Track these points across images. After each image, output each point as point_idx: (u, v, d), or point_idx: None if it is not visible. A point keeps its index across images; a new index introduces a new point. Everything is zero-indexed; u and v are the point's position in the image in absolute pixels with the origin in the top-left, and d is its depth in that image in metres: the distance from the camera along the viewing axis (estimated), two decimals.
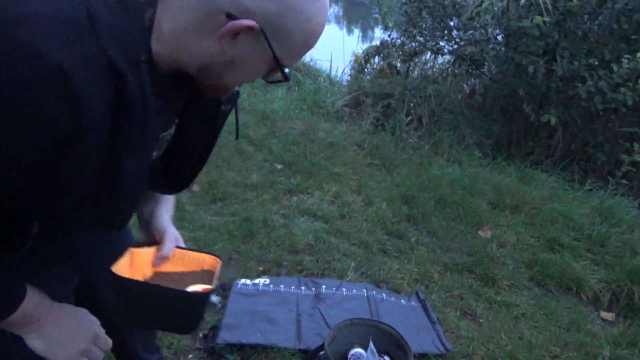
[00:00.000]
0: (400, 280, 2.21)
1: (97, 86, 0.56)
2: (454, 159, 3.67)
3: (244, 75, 0.70)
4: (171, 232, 0.89)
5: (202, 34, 0.63)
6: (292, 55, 0.68)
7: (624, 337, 2.01)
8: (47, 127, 0.54)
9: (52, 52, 0.51)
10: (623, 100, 3.24)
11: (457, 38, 4.28)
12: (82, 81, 0.53)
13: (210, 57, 0.65)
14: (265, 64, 0.67)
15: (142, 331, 1.28)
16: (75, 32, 0.54)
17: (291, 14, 0.62)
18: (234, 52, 0.64)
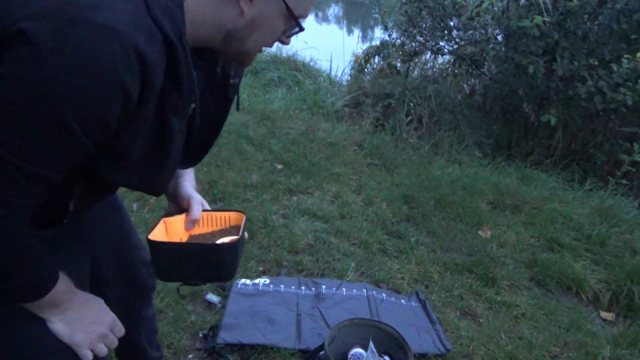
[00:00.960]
0: (400, 280, 2.21)
1: (159, 60, 0.63)
2: (454, 159, 3.67)
3: (264, 37, 0.76)
4: (196, 197, 0.96)
5: (223, 2, 0.71)
6: (305, 6, 0.75)
7: (624, 337, 2.01)
8: (121, 99, 0.61)
9: (128, 33, 0.58)
10: (623, 100, 3.24)
11: (457, 38, 4.28)
12: (150, 58, 0.61)
13: (232, 23, 0.72)
14: (281, 20, 0.74)
15: (147, 325, 1.28)
16: (137, 13, 0.61)
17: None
18: (253, 13, 0.72)
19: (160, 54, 0.63)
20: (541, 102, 3.91)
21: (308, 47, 5.57)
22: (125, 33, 0.58)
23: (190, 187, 0.98)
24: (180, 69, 0.67)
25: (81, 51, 0.56)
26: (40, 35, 0.56)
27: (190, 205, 0.95)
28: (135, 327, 1.25)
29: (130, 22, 0.59)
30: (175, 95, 0.69)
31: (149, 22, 0.62)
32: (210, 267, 0.86)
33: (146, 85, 0.63)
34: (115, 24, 0.58)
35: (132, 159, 0.71)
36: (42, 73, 0.56)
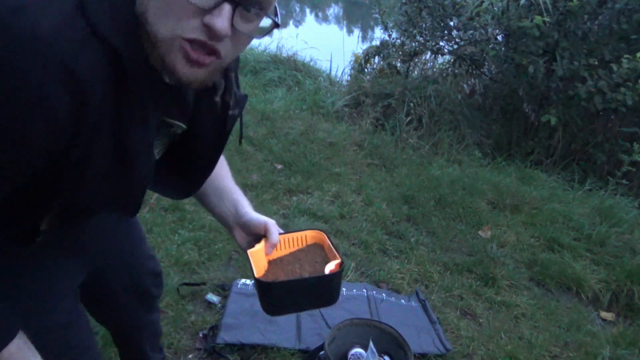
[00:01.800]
0: (400, 280, 2.21)
1: (96, 69, 0.55)
2: (454, 159, 3.67)
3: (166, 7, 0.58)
4: (271, 222, 0.92)
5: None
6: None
7: (624, 337, 2.01)
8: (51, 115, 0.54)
9: (53, 42, 0.51)
10: (623, 100, 3.24)
11: (457, 38, 4.28)
12: (80, 69, 0.53)
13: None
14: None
15: (150, 329, 1.28)
16: (67, 15, 0.53)
17: None
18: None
19: (98, 61, 0.55)
20: (541, 102, 3.91)
21: (308, 47, 5.57)
22: (49, 41, 0.51)
23: (257, 213, 0.94)
24: (130, 74, 0.58)
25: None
26: None
27: (268, 230, 0.91)
28: (138, 333, 1.25)
29: (57, 27, 0.52)
30: (129, 104, 0.61)
31: (84, 28, 0.54)
32: (322, 296, 0.87)
33: (82, 101, 0.55)
34: (38, 30, 0.50)
35: (91, 176, 0.64)
36: None
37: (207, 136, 0.83)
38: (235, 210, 0.94)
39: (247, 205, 0.96)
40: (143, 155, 0.68)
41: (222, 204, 0.95)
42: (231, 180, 1.00)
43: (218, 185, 0.97)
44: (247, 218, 0.93)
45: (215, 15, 0.57)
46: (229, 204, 0.95)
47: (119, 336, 1.28)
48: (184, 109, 0.79)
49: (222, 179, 0.98)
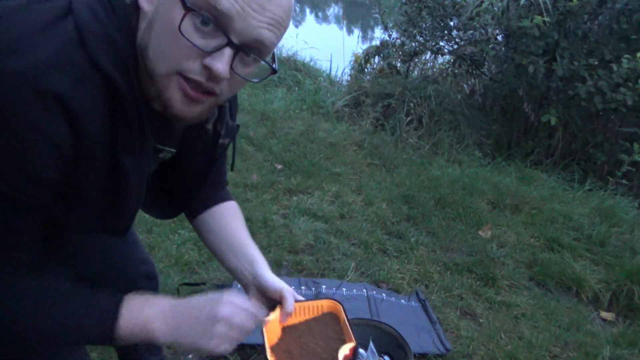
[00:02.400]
0: (400, 280, 2.21)
1: (93, 101, 0.56)
2: (454, 159, 3.67)
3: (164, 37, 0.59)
4: (288, 289, 0.90)
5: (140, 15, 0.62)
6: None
7: (624, 337, 2.01)
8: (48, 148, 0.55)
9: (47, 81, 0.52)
10: (623, 100, 3.24)
11: (457, 38, 4.28)
12: (76, 103, 0.54)
13: (140, 31, 0.62)
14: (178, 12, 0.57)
15: None
16: (65, 52, 0.54)
17: None
18: (151, 9, 0.60)
19: (95, 95, 0.56)
20: (541, 102, 3.91)
21: (308, 47, 5.57)
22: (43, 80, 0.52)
23: (274, 276, 0.92)
24: (127, 105, 0.60)
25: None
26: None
27: (284, 298, 0.89)
28: None
29: (52, 65, 0.53)
30: (125, 135, 0.62)
31: (81, 61, 0.55)
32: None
33: (79, 132, 0.56)
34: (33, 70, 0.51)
35: (86, 202, 0.66)
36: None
37: (196, 162, 0.84)
38: (251, 269, 0.91)
39: (263, 264, 0.93)
40: (136, 184, 0.69)
41: (237, 261, 0.92)
42: (246, 233, 0.97)
43: (232, 240, 0.95)
44: (263, 280, 0.90)
45: (216, 58, 0.59)
46: (246, 261, 0.92)
47: None
48: (174, 135, 0.80)
49: (238, 233, 0.96)
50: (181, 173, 0.86)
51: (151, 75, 0.61)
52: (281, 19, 0.61)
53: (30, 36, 0.53)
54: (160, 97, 0.62)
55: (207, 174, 0.87)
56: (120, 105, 0.59)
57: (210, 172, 0.87)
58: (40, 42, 0.53)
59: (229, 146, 0.86)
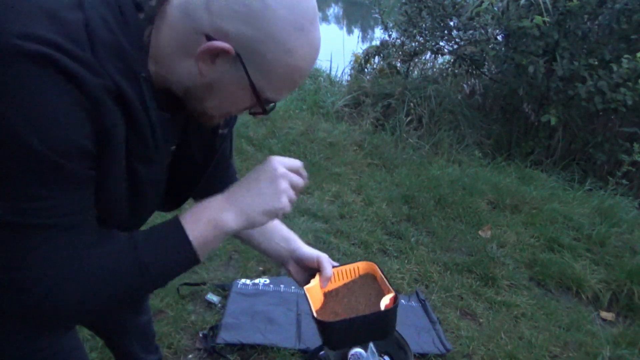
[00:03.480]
0: (400, 280, 2.21)
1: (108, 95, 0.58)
2: (454, 159, 3.67)
3: (224, 103, 0.68)
4: (323, 256, 0.95)
5: (184, 54, 0.63)
6: (274, 87, 0.66)
7: (624, 337, 2.01)
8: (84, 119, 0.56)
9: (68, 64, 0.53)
10: (623, 100, 3.24)
11: (457, 38, 4.28)
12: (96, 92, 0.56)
13: (191, 80, 0.65)
14: (245, 93, 0.65)
15: (139, 332, 1.28)
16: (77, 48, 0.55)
17: (270, 42, 0.61)
18: (213, 76, 0.64)
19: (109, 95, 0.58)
20: (541, 102, 3.91)
21: None
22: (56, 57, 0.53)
23: (308, 247, 0.98)
24: (136, 114, 0.61)
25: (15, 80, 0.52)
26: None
27: (321, 264, 0.94)
28: (127, 337, 1.24)
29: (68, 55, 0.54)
30: (135, 142, 0.64)
31: (92, 61, 0.56)
32: (380, 329, 0.91)
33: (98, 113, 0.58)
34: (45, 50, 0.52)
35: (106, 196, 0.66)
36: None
37: (195, 153, 0.85)
38: (287, 246, 0.98)
39: (297, 239, 1.00)
40: (151, 190, 0.72)
41: (272, 242, 0.99)
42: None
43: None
44: (300, 252, 0.96)
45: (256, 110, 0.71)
46: (280, 240, 0.99)
47: (108, 340, 1.27)
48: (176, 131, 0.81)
49: None
50: (181, 165, 0.86)
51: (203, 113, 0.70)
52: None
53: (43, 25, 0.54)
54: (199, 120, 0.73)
55: (208, 164, 0.88)
56: (129, 113, 0.61)
57: (210, 163, 0.88)
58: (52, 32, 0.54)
59: (227, 136, 0.88)
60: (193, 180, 0.89)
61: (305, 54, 0.64)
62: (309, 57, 0.65)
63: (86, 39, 0.56)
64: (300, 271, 0.98)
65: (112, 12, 0.59)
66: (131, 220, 0.75)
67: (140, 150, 0.65)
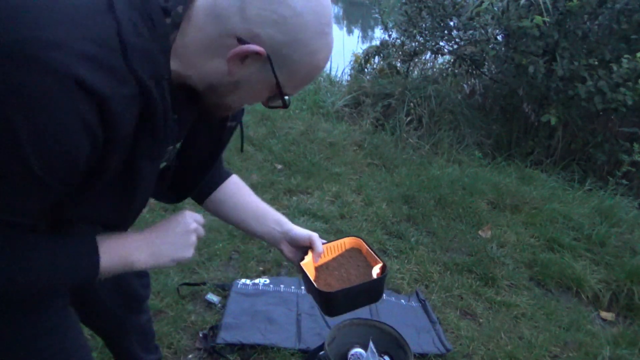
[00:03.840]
0: (400, 280, 2.21)
1: (127, 106, 0.60)
2: (454, 159, 3.67)
3: (246, 97, 0.74)
4: (314, 235, 1.04)
5: (213, 54, 0.66)
6: (294, 84, 0.72)
7: (624, 337, 2.01)
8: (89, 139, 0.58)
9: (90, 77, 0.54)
10: (623, 100, 3.24)
11: (457, 38, 4.28)
12: (116, 105, 0.58)
13: (218, 78, 0.68)
14: (267, 89, 0.71)
15: (139, 332, 1.28)
16: (107, 55, 0.57)
17: (298, 46, 0.66)
18: (240, 74, 0.68)
19: (131, 101, 0.60)
20: (541, 102, 3.91)
21: None
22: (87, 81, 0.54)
23: (299, 227, 1.05)
24: (157, 116, 0.64)
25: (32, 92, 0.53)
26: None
27: (313, 242, 1.02)
28: (127, 336, 1.25)
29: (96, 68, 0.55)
30: (149, 141, 0.67)
31: (120, 67, 0.58)
32: (373, 295, 1.02)
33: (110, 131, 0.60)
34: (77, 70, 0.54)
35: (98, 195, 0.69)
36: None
37: (203, 145, 0.88)
38: (280, 228, 1.04)
39: (287, 221, 1.06)
40: (147, 186, 0.74)
41: (265, 226, 1.05)
42: (259, 199, 1.11)
43: (251, 209, 1.08)
44: (293, 233, 1.03)
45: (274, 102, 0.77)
46: (273, 223, 1.06)
47: (108, 339, 1.28)
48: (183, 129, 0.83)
49: (253, 202, 1.10)
50: (188, 158, 0.89)
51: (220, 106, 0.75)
52: None
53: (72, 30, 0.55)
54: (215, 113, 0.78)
55: (215, 157, 0.92)
56: (149, 114, 0.64)
57: (218, 155, 0.92)
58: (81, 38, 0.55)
59: (235, 129, 0.90)
60: (200, 172, 0.93)
61: (325, 55, 0.70)
62: (327, 56, 0.71)
63: (118, 43, 0.57)
64: (293, 250, 1.05)
65: (141, 17, 0.61)
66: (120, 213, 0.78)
67: (149, 148, 0.68)
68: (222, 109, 0.77)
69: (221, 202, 1.06)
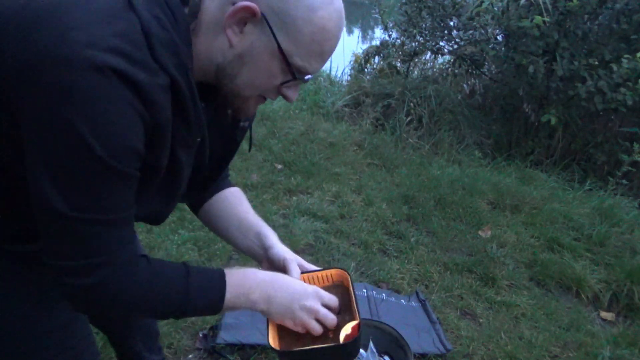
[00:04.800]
0: (400, 280, 2.21)
1: (164, 95, 0.63)
2: (454, 159, 3.67)
3: (255, 76, 0.70)
4: (291, 258, 0.91)
5: (216, 32, 0.67)
6: (301, 52, 0.67)
7: (624, 337, 2.01)
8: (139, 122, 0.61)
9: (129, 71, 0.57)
10: (623, 100, 3.24)
11: (457, 38, 4.28)
12: (152, 91, 0.60)
13: (222, 54, 0.68)
14: (275, 62, 0.68)
15: (143, 331, 1.28)
16: (136, 50, 0.59)
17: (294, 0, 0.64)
18: (242, 45, 0.67)
19: (163, 93, 0.62)
20: (541, 102, 3.91)
21: None
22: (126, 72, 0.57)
23: (281, 247, 0.93)
24: (187, 105, 0.66)
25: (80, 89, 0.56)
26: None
27: (287, 267, 0.89)
28: (131, 335, 1.25)
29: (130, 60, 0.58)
30: (183, 130, 0.69)
31: (148, 59, 0.60)
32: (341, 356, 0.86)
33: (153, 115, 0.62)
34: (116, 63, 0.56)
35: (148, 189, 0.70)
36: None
37: (215, 146, 0.87)
38: (260, 243, 0.94)
39: (271, 236, 0.95)
40: (186, 175, 0.76)
41: (247, 239, 0.96)
42: (252, 213, 1.00)
43: (239, 220, 0.97)
44: (270, 252, 0.92)
45: (291, 89, 0.74)
46: (254, 237, 0.95)
47: (112, 338, 1.28)
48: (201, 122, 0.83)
49: (243, 214, 0.99)
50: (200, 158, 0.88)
51: (236, 94, 0.73)
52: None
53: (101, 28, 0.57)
54: (234, 105, 0.76)
55: (228, 158, 0.92)
56: (180, 104, 0.65)
57: (231, 156, 0.92)
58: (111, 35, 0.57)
59: (248, 129, 0.90)
60: (213, 173, 0.92)
61: (329, 13, 0.66)
62: (334, 17, 0.67)
63: (143, 39, 0.59)
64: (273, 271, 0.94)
65: (162, 10, 0.62)
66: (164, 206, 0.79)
67: (183, 137, 0.69)
68: (239, 100, 0.74)
69: (213, 212, 0.99)
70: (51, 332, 0.82)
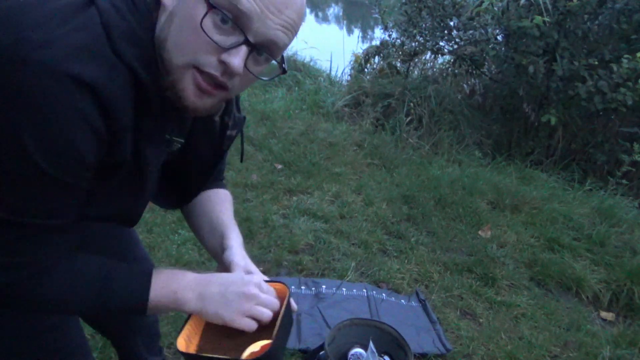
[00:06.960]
0: (400, 280, 2.21)
1: (122, 91, 0.60)
2: (454, 159, 3.67)
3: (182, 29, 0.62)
4: (238, 264, 0.82)
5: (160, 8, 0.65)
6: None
7: (624, 337, 2.01)
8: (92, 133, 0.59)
9: (82, 69, 0.55)
10: (623, 100, 3.24)
11: (457, 38, 4.28)
12: (111, 92, 0.58)
13: (159, 26, 0.64)
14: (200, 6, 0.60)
15: (144, 333, 1.28)
16: (95, 45, 0.57)
17: None
18: (172, 2, 0.63)
19: (123, 86, 0.60)
20: (541, 102, 3.91)
21: (308, 47, 5.57)
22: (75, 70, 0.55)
23: (237, 251, 0.85)
24: (151, 98, 0.64)
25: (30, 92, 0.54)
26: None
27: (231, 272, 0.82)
28: (132, 337, 1.24)
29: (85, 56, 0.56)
30: (147, 124, 0.66)
31: (109, 54, 0.58)
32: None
33: (111, 120, 0.60)
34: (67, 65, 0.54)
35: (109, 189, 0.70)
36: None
37: (203, 153, 0.87)
38: (221, 245, 0.88)
39: (233, 239, 0.87)
40: (154, 173, 0.74)
41: (213, 238, 0.90)
42: (229, 215, 0.95)
43: (212, 221, 0.93)
44: (224, 254, 0.85)
45: (232, 54, 0.62)
46: (218, 238, 0.89)
47: (114, 340, 1.28)
48: (183, 126, 0.82)
49: (219, 214, 0.94)
50: (187, 164, 0.88)
51: (168, 68, 0.64)
52: (294, 22, 0.66)
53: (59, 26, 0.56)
54: (174, 87, 0.65)
55: (215, 165, 0.90)
56: (144, 97, 0.63)
57: (217, 164, 0.90)
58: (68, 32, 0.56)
59: (236, 138, 0.88)
60: (200, 179, 0.92)
61: None
62: None
63: (102, 31, 0.57)
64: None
65: (123, 1, 0.61)
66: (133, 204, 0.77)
67: (150, 132, 0.67)
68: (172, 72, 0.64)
69: (192, 209, 0.96)
70: (41, 333, 0.82)
